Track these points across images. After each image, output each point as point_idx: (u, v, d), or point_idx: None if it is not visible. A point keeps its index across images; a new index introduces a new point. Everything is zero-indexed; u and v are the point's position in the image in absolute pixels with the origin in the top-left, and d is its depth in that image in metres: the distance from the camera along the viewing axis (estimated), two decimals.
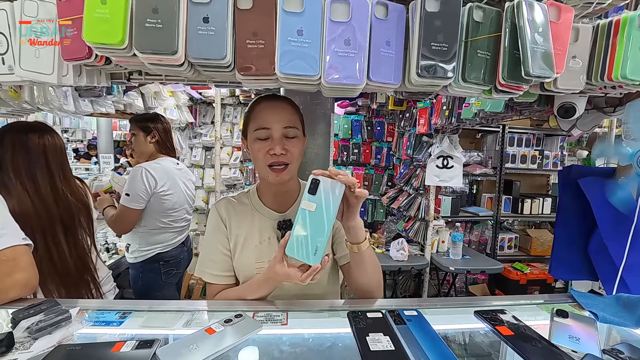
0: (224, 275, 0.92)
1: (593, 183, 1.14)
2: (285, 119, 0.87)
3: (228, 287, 0.92)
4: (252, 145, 0.88)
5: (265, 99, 0.91)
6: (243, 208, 0.95)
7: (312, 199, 0.69)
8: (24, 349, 0.60)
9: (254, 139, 0.87)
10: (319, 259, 0.68)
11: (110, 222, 1.76)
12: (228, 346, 0.64)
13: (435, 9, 0.69)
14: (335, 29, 0.69)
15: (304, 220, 0.69)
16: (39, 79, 0.75)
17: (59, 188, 1.17)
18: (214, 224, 0.94)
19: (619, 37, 0.78)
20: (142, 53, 0.65)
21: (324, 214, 0.68)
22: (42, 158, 1.15)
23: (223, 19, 0.67)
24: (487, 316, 0.78)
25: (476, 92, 0.82)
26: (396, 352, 0.62)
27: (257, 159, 0.87)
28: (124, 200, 1.70)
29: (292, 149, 0.86)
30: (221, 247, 0.92)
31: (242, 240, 0.92)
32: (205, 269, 0.92)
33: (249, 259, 0.91)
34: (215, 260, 0.92)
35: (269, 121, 0.86)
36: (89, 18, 0.64)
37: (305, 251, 0.68)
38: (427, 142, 2.82)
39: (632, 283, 1.01)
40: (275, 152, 0.84)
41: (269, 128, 0.85)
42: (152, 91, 2.51)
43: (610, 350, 0.65)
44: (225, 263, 0.92)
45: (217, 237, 0.93)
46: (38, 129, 1.18)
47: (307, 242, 0.68)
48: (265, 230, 0.92)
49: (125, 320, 0.74)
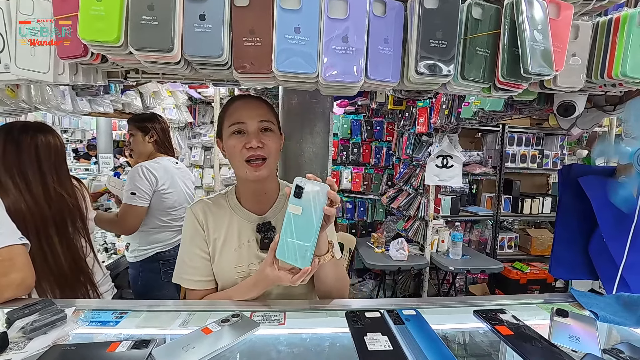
0: (205, 280, 0.90)
1: (593, 182, 1.13)
2: (259, 113, 0.86)
3: (209, 291, 0.90)
4: (228, 142, 0.86)
5: (239, 98, 0.91)
6: (220, 210, 0.92)
7: (298, 203, 0.69)
8: (18, 349, 0.60)
9: (229, 134, 0.86)
10: (309, 261, 0.69)
11: (113, 223, 1.73)
12: (224, 346, 0.63)
13: (434, 6, 0.69)
14: (333, 26, 0.69)
15: (291, 224, 0.70)
16: (35, 78, 0.74)
17: (51, 188, 1.16)
18: (191, 228, 0.91)
19: (619, 34, 0.78)
20: (138, 51, 0.64)
21: (310, 216, 0.69)
22: (34, 157, 1.14)
23: (219, 16, 0.66)
24: (486, 316, 0.77)
25: (475, 90, 0.81)
26: (394, 352, 0.62)
27: (234, 155, 0.86)
28: (129, 200, 1.69)
29: (269, 142, 0.85)
30: (200, 251, 0.89)
31: (221, 244, 0.89)
32: (184, 276, 0.90)
33: (228, 263, 0.88)
34: (195, 267, 0.89)
35: (244, 116, 0.85)
36: (84, 15, 0.63)
37: (295, 254, 0.69)
38: (427, 141, 2.82)
39: (633, 282, 1.01)
40: (252, 146, 0.83)
41: (244, 122, 0.85)
42: (151, 91, 2.51)
43: (610, 350, 0.65)
44: (205, 268, 0.90)
45: (195, 241, 0.90)
46: (32, 129, 1.17)
47: (296, 245, 0.69)
48: (244, 233, 0.90)
49: (121, 320, 0.74)
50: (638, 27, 0.76)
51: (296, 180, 0.70)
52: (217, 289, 0.92)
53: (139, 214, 1.73)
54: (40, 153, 1.15)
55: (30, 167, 1.13)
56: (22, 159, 1.12)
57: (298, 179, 0.70)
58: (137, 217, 1.73)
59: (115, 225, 1.73)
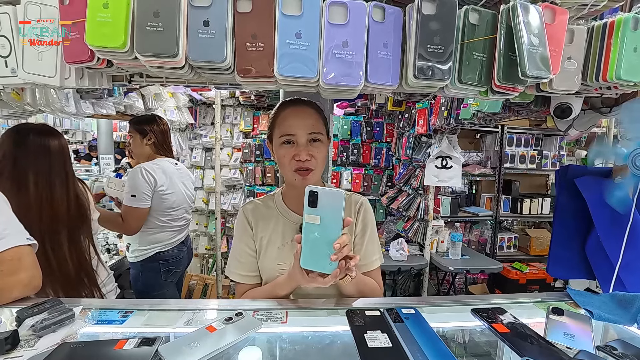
0: (250, 275, 0.95)
1: (590, 182, 1.15)
2: (309, 124, 0.88)
3: (254, 286, 0.95)
4: (278, 151, 0.90)
5: (290, 104, 0.93)
6: (268, 211, 0.98)
7: (314, 212, 0.68)
8: (29, 347, 0.61)
9: (280, 144, 0.89)
10: (335, 265, 0.69)
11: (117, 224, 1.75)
12: (228, 344, 0.65)
13: (432, 12, 0.71)
14: (334, 31, 0.70)
15: (311, 234, 0.69)
16: (42, 82, 0.76)
17: (67, 189, 1.19)
18: (241, 227, 0.98)
19: (614, 38, 0.79)
20: (144, 56, 0.66)
21: (330, 223, 0.68)
22: (47, 160, 1.16)
23: (223, 22, 0.68)
24: (484, 314, 0.79)
25: (472, 93, 0.83)
26: (394, 349, 0.63)
27: (283, 164, 0.90)
28: (130, 202, 1.72)
29: (317, 154, 0.88)
30: (247, 248, 0.95)
31: (266, 243, 0.94)
32: (233, 270, 0.96)
33: (271, 260, 0.93)
34: (242, 262, 0.95)
35: (294, 127, 0.87)
36: (91, 22, 0.65)
37: (320, 262, 0.69)
38: (426, 142, 2.83)
39: (629, 281, 1.02)
40: (300, 159, 0.86)
41: (293, 134, 0.87)
42: (153, 92, 2.52)
43: (604, 347, 0.66)
44: (251, 264, 0.95)
45: (243, 239, 0.96)
46: (43, 131, 1.19)
47: (320, 254, 0.69)
48: (288, 233, 0.94)
49: (127, 319, 0.75)
50: (632, 31, 0.78)
51: (308, 189, 0.69)
52: (262, 284, 0.96)
53: (141, 215, 1.75)
54: (52, 155, 1.18)
55: (57, 173, 1.16)
56: (36, 161, 1.14)
57: (309, 187, 0.69)
58: (138, 218, 1.75)
59: (118, 226, 1.76)
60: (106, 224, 1.73)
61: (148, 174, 1.76)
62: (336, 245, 0.67)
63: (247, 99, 3.26)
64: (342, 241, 0.68)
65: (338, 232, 0.68)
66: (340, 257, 0.69)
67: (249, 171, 3.39)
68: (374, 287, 0.94)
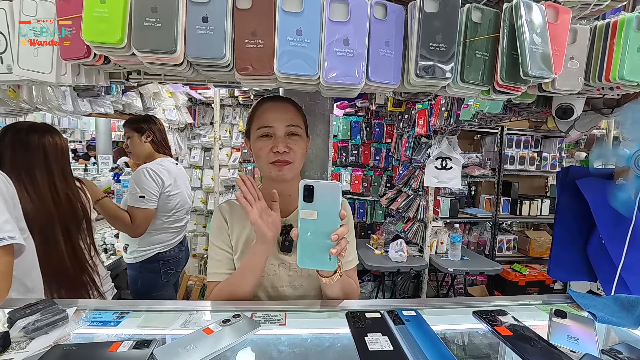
0: (227, 272, 0.92)
1: (591, 184, 1.14)
2: (288, 117, 0.87)
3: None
4: (255, 144, 0.88)
5: (268, 99, 0.91)
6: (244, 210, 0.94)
7: (310, 207, 0.67)
8: (20, 349, 0.60)
9: (257, 137, 0.87)
10: (335, 259, 0.68)
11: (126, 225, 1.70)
12: (226, 346, 0.63)
13: (434, 10, 0.70)
14: (334, 29, 0.69)
15: (307, 230, 0.67)
16: (38, 78, 0.75)
17: (59, 188, 1.17)
18: (217, 226, 0.95)
19: (617, 38, 0.79)
20: (141, 52, 0.65)
21: (328, 217, 0.66)
22: (42, 157, 1.15)
23: (222, 19, 0.67)
24: (485, 316, 0.77)
25: (474, 93, 0.82)
26: (395, 352, 0.62)
27: (260, 157, 0.87)
28: (138, 203, 1.69)
29: (295, 147, 0.86)
30: (224, 245, 0.93)
31: (243, 242, 0.92)
32: (211, 271, 0.92)
33: None
34: (218, 260, 0.93)
35: (272, 120, 0.86)
36: (88, 17, 0.64)
37: (319, 259, 0.68)
38: (426, 143, 2.82)
39: (632, 282, 1.01)
40: (278, 150, 0.84)
41: (271, 126, 0.85)
42: (151, 92, 2.51)
43: (608, 351, 0.65)
44: (228, 261, 0.92)
45: (220, 237, 0.94)
46: (40, 129, 1.18)
47: (319, 250, 0.67)
48: None
49: (122, 320, 0.74)
50: (635, 31, 0.77)
51: (303, 183, 0.67)
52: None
53: (149, 217, 1.74)
54: (48, 153, 1.16)
55: (38, 167, 1.14)
56: (30, 158, 1.13)
57: (304, 181, 0.67)
58: (146, 219, 1.73)
59: (126, 226, 1.71)
60: (114, 221, 1.69)
61: (155, 174, 1.74)
62: (334, 237, 0.66)
63: (247, 98, 3.25)
64: (341, 232, 0.67)
65: (336, 225, 0.67)
66: (340, 250, 0.67)
67: (248, 171, 3.37)
68: (353, 288, 0.92)
